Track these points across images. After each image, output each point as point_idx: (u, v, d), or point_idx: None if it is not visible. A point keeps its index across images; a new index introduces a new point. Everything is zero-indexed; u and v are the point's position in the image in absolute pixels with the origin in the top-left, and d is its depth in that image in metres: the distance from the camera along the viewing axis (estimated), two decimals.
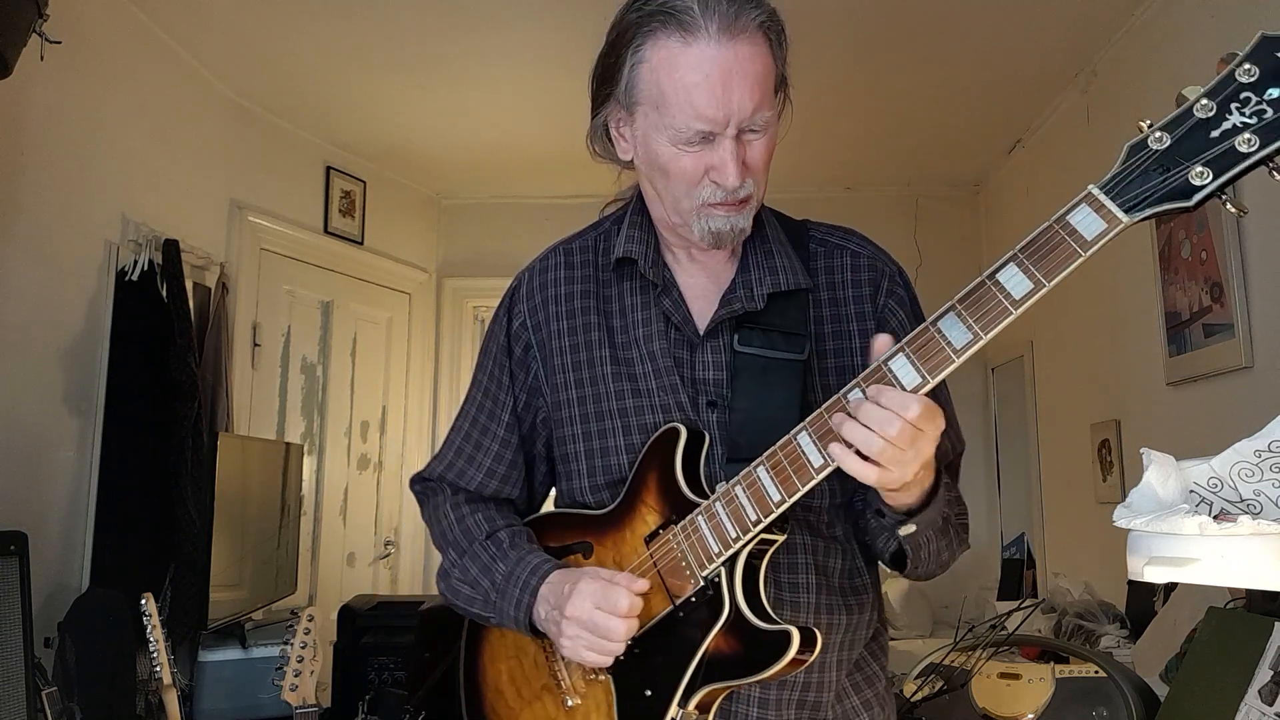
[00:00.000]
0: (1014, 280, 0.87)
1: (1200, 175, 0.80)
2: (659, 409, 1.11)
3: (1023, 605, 2.35)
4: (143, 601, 1.99)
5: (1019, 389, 4.08)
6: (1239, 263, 2.37)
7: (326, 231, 4.09)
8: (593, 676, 1.09)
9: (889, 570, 1.13)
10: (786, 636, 0.96)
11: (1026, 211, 3.96)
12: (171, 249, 2.97)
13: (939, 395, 1.15)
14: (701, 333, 1.12)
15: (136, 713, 2.46)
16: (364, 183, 4.29)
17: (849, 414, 0.91)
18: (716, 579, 1.01)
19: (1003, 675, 2.01)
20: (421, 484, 1.30)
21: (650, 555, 1.07)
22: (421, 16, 3.02)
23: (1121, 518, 0.94)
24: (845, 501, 1.13)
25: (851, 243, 1.18)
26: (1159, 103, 0.82)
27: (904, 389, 0.90)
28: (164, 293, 2.92)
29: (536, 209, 4.67)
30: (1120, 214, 0.83)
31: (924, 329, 0.90)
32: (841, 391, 0.94)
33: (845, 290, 1.14)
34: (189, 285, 3.11)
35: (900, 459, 0.89)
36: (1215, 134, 0.80)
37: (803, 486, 0.95)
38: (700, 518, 1.03)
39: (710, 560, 1.01)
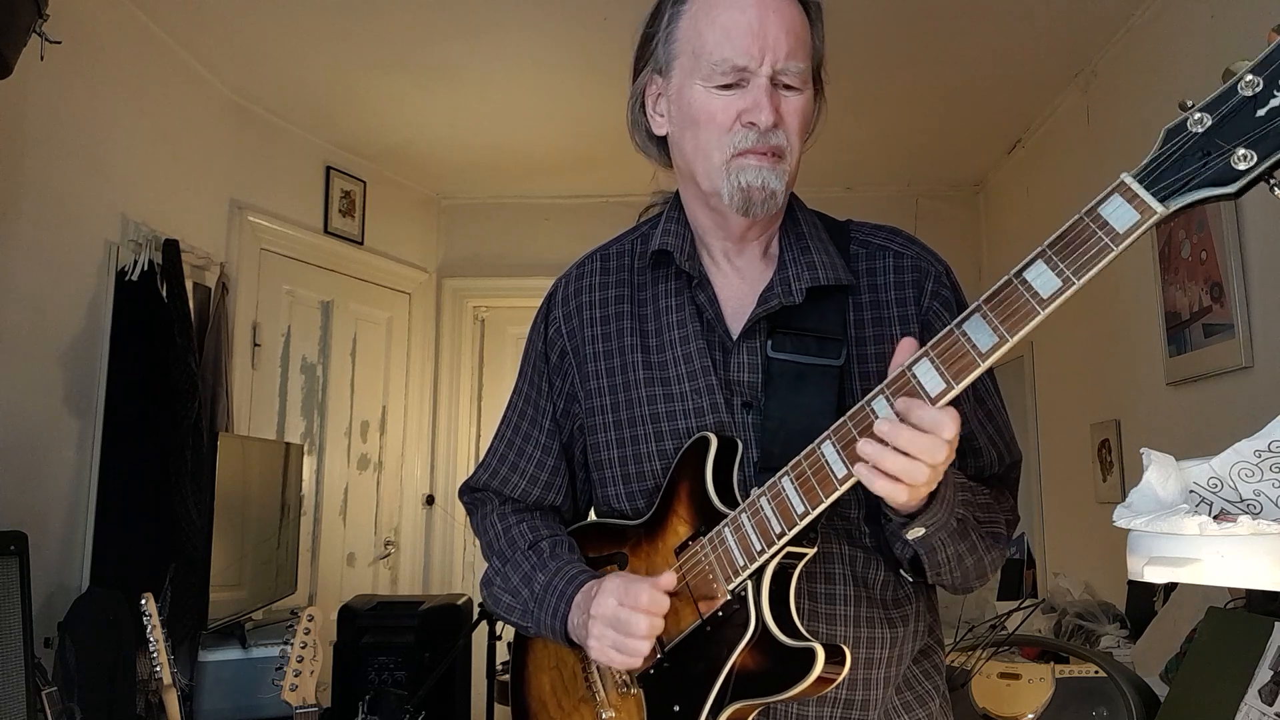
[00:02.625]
0: (1042, 278, 0.81)
1: (1244, 158, 0.72)
2: (692, 412, 1.09)
3: (1023, 605, 2.35)
4: (143, 601, 1.99)
5: (1019, 389, 4.08)
6: (1239, 263, 2.37)
7: (326, 231, 4.09)
8: (625, 689, 1.07)
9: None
10: (811, 654, 0.93)
11: (1026, 211, 3.97)
12: (171, 249, 2.97)
13: (989, 404, 1.13)
14: (737, 333, 1.10)
15: (136, 713, 2.46)
16: (364, 183, 4.29)
17: (883, 440, 0.86)
18: (743, 593, 0.99)
19: (1003, 675, 2.01)
20: (470, 494, 1.30)
21: (679, 567, 1.04)
22: (422, 17, 3.02)
23: (1121, 518, 0.94)
24: (871, 513, 1.09)
25: (895, 243, 1.15)
26: (1159, 102, 0.80)
27: (928, 396, 0.86)
28: (164, 293, 2.92)
29: (536, 209, 4.67)
30: (1155, 203, 0.76)
31: (949, 332, 0.86)
32: (865, 399, 0.90)
33: (888, 292, 1.10)
34: (189, 285, 3.11)
35: (933, 478, 0.87)
36: (1262, 113, 0.72)
37: (826, 498, 0.92)
38: (727, 529, 1.00)
39: (736, 574, 0.98)
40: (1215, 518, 0.88)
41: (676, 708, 1.01)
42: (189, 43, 3.21)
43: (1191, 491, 0.95)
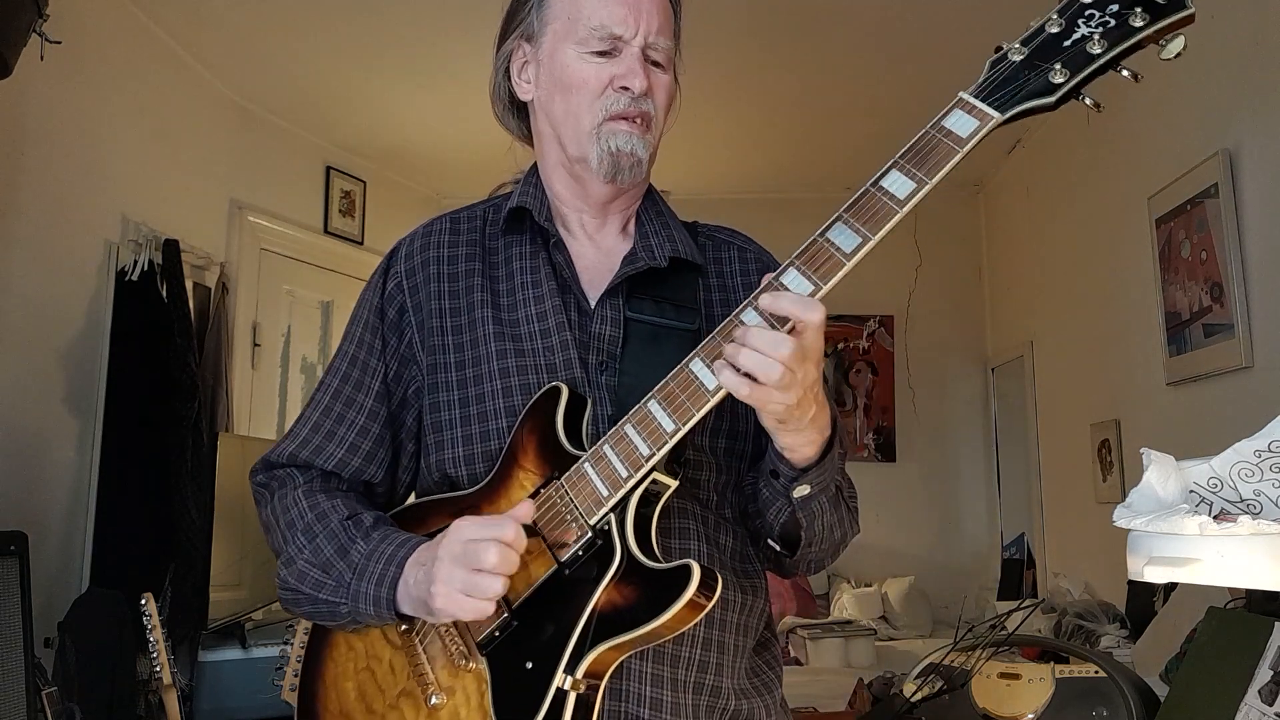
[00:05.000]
0: (897, 183, 0.92)
1: (1059, 74, 0.90)
2: (544, 368, 1.07)
3: (1023, 605, 2.35)
4: (143, 601, 1.99)
5: (1019, 389, 4.08)
6: (1239, 263, 2.37)
7: (326, 231, 4.09)
8: (464, 662, 0.98)
9: (780, 552, 1.08)
10: (686, 570, 0.89)
11: (1026, 211, 3.97)
12: (171, 249, 2.97)
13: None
14: (594, 300, 1.10)
15: (137, 713, 2.46)
16: (364, 183, 4.29)
17: (742, 343, 0.88)
18: (606, 527, 0.94)
19: (1003, 675, 2.01)
20: (266, 474, 1.17)
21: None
22: (422, 17, 3.02)
23: (1121, 518, 0.94)
24: (734, 482, 1.09)
25: (739, 239, 1.22)
26: (1158, 101, 0.81)
27: None
28: (164, 293, 2.92)
29: None
30: (992, 111, 0.91)
31: (813, 241, 0.91)
32: (735, 312, 0.92)
33: (735, 279, 1.17)
34: (189, 285, 3.11)
35: (791, 381, 0.87)
36: (1068, 43, 0.91)
37: (698, 411, 0.91)
38: (587, 464, 0.96)
39: (599, 506, 0.94)
40: (1215, 518, 0.88)
41: (530, 664, 0.94)
42: (189, 43, 3.21)
43: (1191, 491, 0.95)
